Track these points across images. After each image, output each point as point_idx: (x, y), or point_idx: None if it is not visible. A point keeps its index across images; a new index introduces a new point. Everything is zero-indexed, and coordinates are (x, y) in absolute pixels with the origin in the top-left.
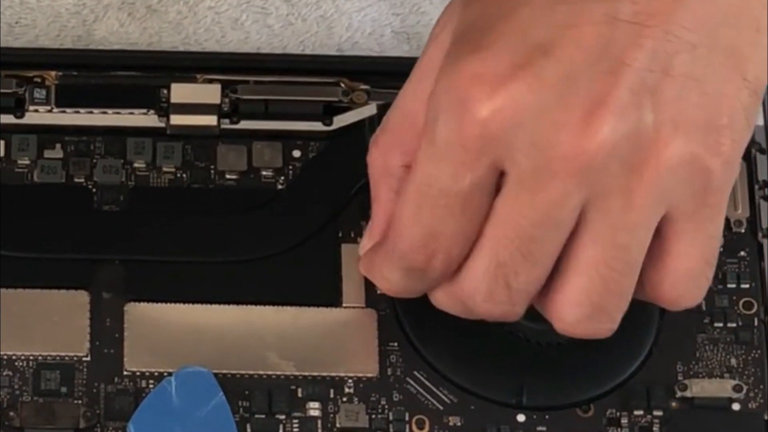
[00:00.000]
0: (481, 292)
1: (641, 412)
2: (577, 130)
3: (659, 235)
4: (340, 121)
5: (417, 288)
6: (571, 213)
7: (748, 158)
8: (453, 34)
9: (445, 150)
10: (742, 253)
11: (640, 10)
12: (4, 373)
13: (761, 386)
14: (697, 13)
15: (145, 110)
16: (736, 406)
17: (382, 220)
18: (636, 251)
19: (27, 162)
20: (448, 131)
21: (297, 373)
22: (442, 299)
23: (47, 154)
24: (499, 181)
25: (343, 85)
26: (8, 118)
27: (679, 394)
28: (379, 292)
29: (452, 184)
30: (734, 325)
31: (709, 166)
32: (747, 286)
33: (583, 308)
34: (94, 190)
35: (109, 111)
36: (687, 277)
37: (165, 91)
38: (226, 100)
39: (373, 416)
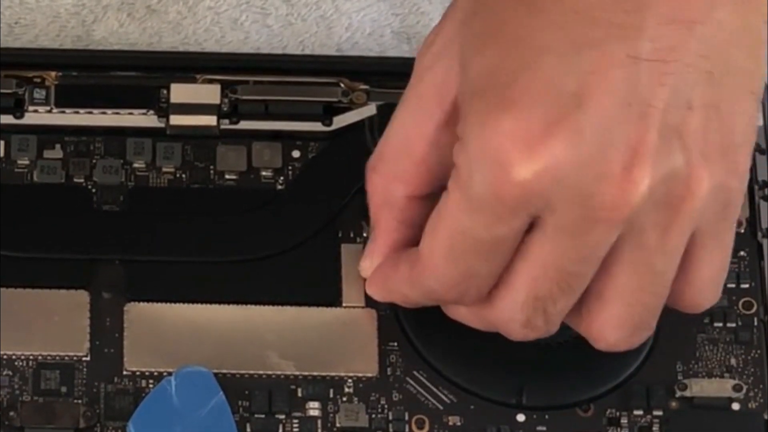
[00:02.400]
0: (518, 320)
1: (641, 412)
2: (618, 182)
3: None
4: (340, 121)
5: (440, 304)
6: (609, 247)
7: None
8: (467, 80)
9: (480, 205)
10: (742, 253)
11: (659, 46)
12: (4, 373)
13: (761, 386)
14: (710, 40)
15: (144, 110)
16: (735, 406)
17: (384, 248)
18: (671, 273)
19: (27, 162)
20: (485, 189)
21: (297, 373)
22: (466, 318)
23: (47, 154)
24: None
25: (342, 85)
26: (8, 119)
27: (678, 393)
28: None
29: (487, 234)
30: (734, 324)
31: (730, 186)
32: (747, 286)
33: (625, 330)
34: (93, 190)
35: (109, 111)
36: (709, 284)
37: (165, 92)
38: (226, 100)
39: (373, 416)
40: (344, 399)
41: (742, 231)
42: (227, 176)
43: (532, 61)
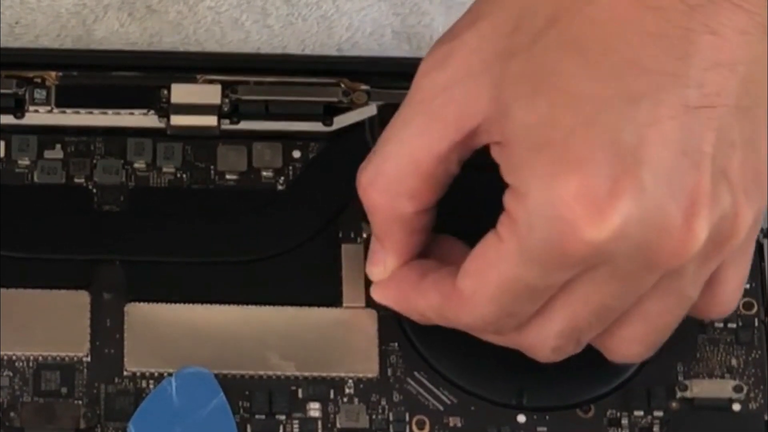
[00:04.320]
0: (549, 347)
1: (642, 413)
2: (679, 234)
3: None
4: (341, 121)
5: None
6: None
7: None
8: (516, 128)
9: (541, 258)
10: None
11: (707, 92)
12: (4, 374)
13: (761, 387)
14: (748, 80)
15: (145, 110)
16: (736, 407)
17: (398, 258)
18: (697, 295)
19: (27, 162)
20: (549, 245)
21: (297, 374)
22: (493, 339)
23: (47, 154)
24: None
25: (343, 85)
26: (8, 119)
27: (679, 394)
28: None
29: (540, 283)
30: (734, 325)
31: (751, 216)
32: (747, 286)
33: (643, 347)
34: (94, 190)
35: (109, 111)
36: (733, 296)
37: (165, 92)
38: (226, 100)
39: (374, 417)
40: (345, 400)
41: None
42: (228, 176)
43: (591, 116)
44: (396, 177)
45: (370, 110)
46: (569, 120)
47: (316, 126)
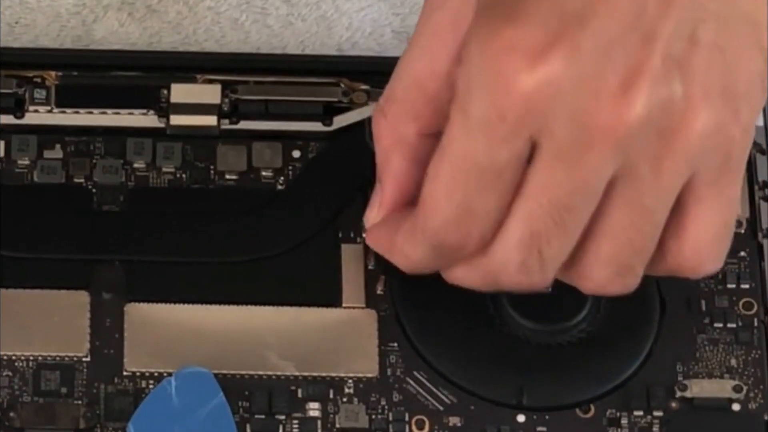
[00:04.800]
0: (513, 262)
1: (641, 413)
2: (615, 100)
3: (680, 203)
4: (340, 121)
5: (440, 264)
6: (605, 181)
7: (748, 159)
8: (476, 1)
9: (481, 124)
10: (742, 254)
11: None
12: (4, 374)
13: (761, 387)
14: None
15: (144, 110)
16: (736, 407)
17: (394, 192)
18: (661, 214)
19: (27, 162)
20: (485, 104)
21: (297, 374)
22: (464, 275)
23: (47, 154)
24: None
25: (343, 85)
26: (8, 119)
27: (679, 394)
28: (379, 291)
29: (488, 159)
30: (734, 325)
31: (731, 133)
32: (747, 286)
33: (612, 268)
34: (93, 190)
35: (109, 111)
36: (708, 242)
37: (165, 91)
38: (226, 100)
39: (373, 416)
40: (344, 400)
41: (742, 231)
42: (227, 176)
43: None
44: (402, 97)
45: (370, 110)
46: None
47: (316, 126)
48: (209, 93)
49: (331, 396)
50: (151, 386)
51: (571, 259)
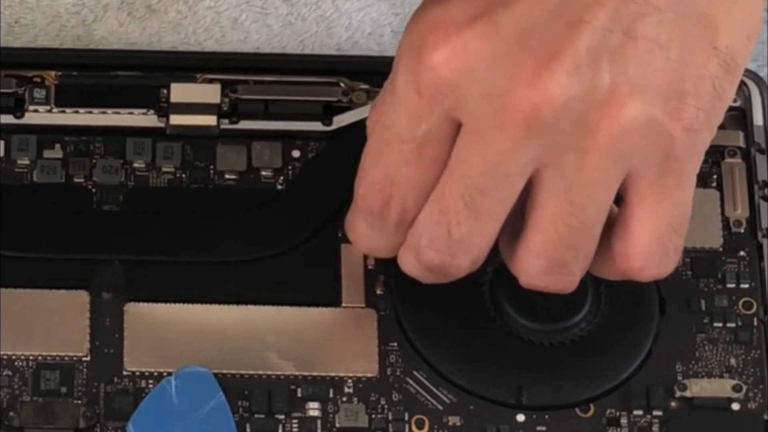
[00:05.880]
0: (425, 237)
1: (641, 412)
2: (528, 83)
3: (625, 203)
4: (340, 121)
5: (381, 241)
6: (521, 168)
7: (747, 158)
8: None
9: (401, 96)
10: (742, 253)
11: None
12: (4, 373)
13: (761, 386)
14: None
15: (144, 110)
16: (735, 406)
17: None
18: (592, 210)
19: (27, 162)
20: (405, 77)
21: (297, 373)
22: (405, 258)
23: (47, 154)
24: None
25: (342, 85)
26: (8, 118)
27: (678, 394)
28: (379, 291)
29: (408, 131)
30: (734, 325)
31: (669, 130)
32: (747, 286)
33: (542, 262)
34: (93, 190)
35: (109, 111)
36: (652, 245)
37: (165, 91)
38: (226, 100)
39: (373, 416)
40: (344, 399)
41: (742, 231)
42: (227, 176)
43: None
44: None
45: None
46: None
47: (316, 125)
48: (209, 93)
49: (331, 395)
50: (150, 386)
51: (510, 249)
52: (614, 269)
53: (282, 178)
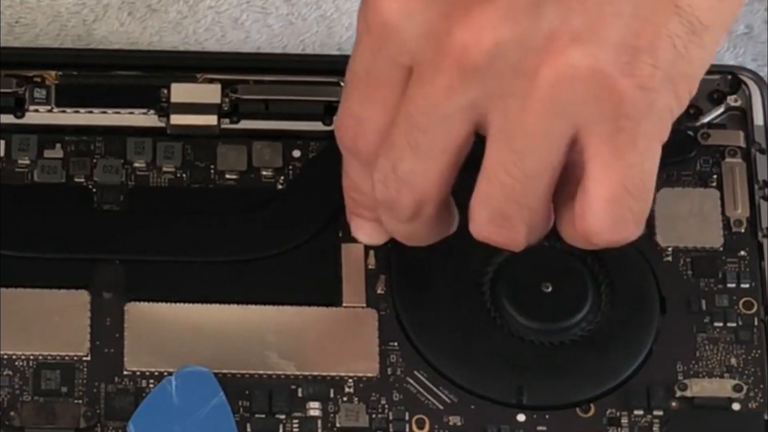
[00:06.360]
0: (378, 171)
1: (641, 412)
2: (459, 23)
3: (582, 163)
4: None
5: (361, 179)
6: (459, 110)
7: (748, 158)
8: None
9: (357, 38)
10: (742, 253)
11: None
12: (4, 373)
13: (761, 386)
14: None
15: (145, 110)
16: (736, 406)
17: None
18: (533, 162)
19: (27, 162)
20: (360, 20)
21: (297, 373)
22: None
23: (47, 153)
24: None
25: (343, 84)
26: (8, 118)
27: (679, 393)
28: (379, 291)
29: (362, 72)
30: (734, 324)
31: (617, 86)
32: (747, 285)
33: (486, 211)
34: (94, 189)
35: (109, 111)
36: (607, 207)
37: (165, 91)
38: (226, 99)
39: (373, 416)
40: (344, 399)
41: (742, 231)
42: (227, 176)
43: None
44: None
45: None
46: None
47: (316, 125)
48: (209, 92)
49: (332, 395)
50: (151, 385)
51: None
52: (573, 231)
53: (282, 177)
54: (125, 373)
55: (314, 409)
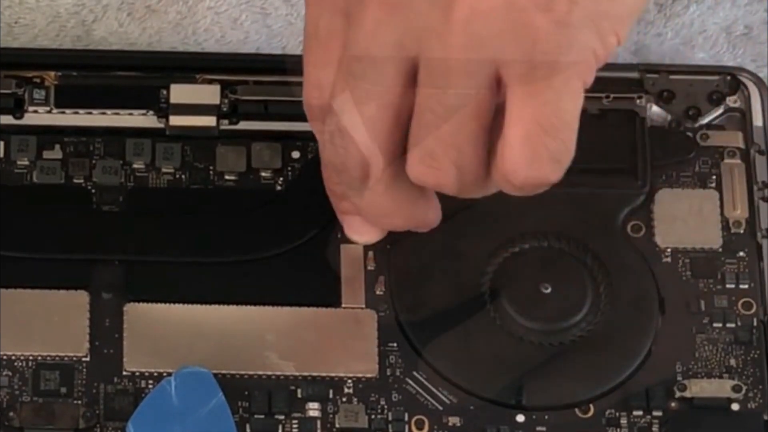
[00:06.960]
0: (327, 133)
1: (641, 413)
2: None
3: (504, 102)
4: None
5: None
6: (389, 50)
7: (747, 159)
8: None
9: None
10: (742, 254)
11: None
12: (4, 373)
13: (760, 386)
14: None
15: (144, 111)
16: (735, 407)
17: None
18: (453, 97)
19: (26, 163)
20: None
21: (297, 374)
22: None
23: (46, 154)
24: None
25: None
26: (7, 119)
27: (678, 394)
28: (379, 291)
29: (315, 24)
30: (733, 325)
31: (533, 20)
32: (746, 286)
33: (415, 150)
34: (93, 190)
35: (109, 111)
36: (522, 144)
37: (164, 92)
38: (226, 100)
39: (373, 416)
40: (344, 399)
41: (742, 231)
42: (227, 177)
43: None
44: None
45: None
46: None
47: None
48: (209, 93)
49: (331, 396)
50: (150, 386)
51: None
52: (496, 173)
53: (282, 178)
54: (124, 373)
55: (313, 409)
